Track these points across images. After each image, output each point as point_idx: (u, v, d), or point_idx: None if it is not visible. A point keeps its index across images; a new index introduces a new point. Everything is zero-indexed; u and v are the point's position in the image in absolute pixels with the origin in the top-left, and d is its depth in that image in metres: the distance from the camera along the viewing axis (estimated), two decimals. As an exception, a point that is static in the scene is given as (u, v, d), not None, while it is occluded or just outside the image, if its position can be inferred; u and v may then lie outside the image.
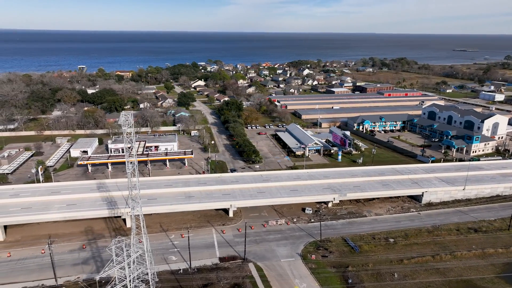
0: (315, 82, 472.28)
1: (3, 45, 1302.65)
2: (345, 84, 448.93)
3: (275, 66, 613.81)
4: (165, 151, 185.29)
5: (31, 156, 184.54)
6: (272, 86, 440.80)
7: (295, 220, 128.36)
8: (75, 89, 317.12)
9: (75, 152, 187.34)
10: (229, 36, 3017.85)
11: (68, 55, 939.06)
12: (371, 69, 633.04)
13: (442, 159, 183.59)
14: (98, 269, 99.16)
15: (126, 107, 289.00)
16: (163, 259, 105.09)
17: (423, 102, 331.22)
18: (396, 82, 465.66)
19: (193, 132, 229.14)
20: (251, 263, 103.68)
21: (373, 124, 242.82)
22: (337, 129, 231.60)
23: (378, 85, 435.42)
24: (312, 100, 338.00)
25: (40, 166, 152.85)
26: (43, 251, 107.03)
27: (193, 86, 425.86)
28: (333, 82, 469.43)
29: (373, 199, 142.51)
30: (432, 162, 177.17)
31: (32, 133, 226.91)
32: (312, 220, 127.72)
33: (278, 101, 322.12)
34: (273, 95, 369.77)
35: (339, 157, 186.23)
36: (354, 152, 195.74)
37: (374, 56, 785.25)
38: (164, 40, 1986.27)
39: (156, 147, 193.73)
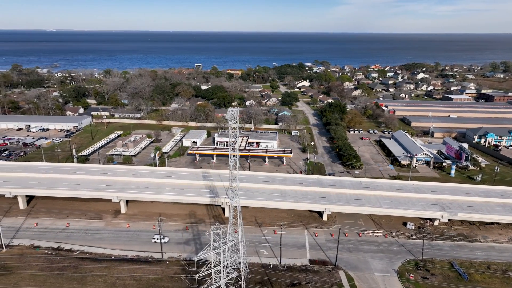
0: (430, 87, 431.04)
1: (141, 45, 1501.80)
2: (467, 91, 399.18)
3: (385, 69, 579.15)
4: (266, 148, 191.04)
5: (151, 142, 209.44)
6: (380, 89, 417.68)
7: (394, 233, 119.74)
8: (191, 85, 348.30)
9: (186, 142, 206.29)
10: (338, 37, 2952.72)
11: (189, 53, 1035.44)
12: (501, 75, 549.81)
13: None
14: (197, 250, 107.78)
15: (233, 104, 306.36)
16: (255, 251, 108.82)
17: None
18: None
19: (293, 132, 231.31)
20: (342, 271, 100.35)
21: (499, 138, 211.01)
22: (452, 140, 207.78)
23: (510, 93, 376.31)
24: (425, 107, 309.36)
25: (158, 152, 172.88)
26: (153, 227, 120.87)
27: (297, 86, 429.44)
28: (452, 88, 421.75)
29: (492, 223, 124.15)
30: None
31: (154, 122, 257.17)
32: (414, 237, 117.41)
33: (386, 106, 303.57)
34: (381, 99, 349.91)
35: (452, 171, 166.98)
36: (471, 167, 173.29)
37: (508, 60, 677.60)
38: (274, 41, 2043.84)
39: (258, 143, 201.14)
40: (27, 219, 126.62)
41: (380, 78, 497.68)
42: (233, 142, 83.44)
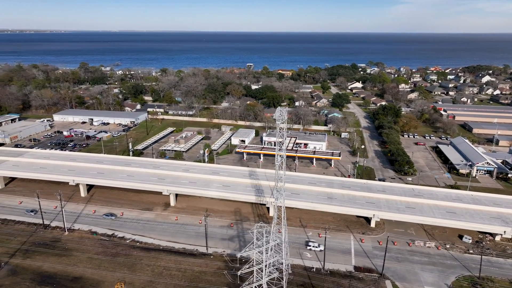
0: (497, 92, 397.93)
1: (197, 45, 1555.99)
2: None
3: (446, 71, 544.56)
4: (313, 150, 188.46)
5: (201, 139, 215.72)
6: (439, 93, 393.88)
7: (448, 246, 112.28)
8: (242, 84, 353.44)
9: (235, 140, 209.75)
10: (395, 37, 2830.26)
11: (242, 53, 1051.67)
12: None
13: None
14: (240, 248, 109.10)
15: (282, 104, 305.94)
16: (298, 253, 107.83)
17: None
18: None
19: (343, 134, 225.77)
20: (389, 281, 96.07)
21: None
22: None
23: None
24: (490, 112, 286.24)
25: (207, 149, 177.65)
26: (200, 222, 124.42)
27: (349, 87, 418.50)
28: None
29: None
30: None
31: (204, 120, 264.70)
32: (471, 251, 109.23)
33: (445, 110, 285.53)
34: (439, 102, 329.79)
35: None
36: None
37: None
38: (327, 41, 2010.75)
39: (306, 144, 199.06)
40: (87, 206, 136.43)
41: (440, 81, 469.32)
42: (280, 142, 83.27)
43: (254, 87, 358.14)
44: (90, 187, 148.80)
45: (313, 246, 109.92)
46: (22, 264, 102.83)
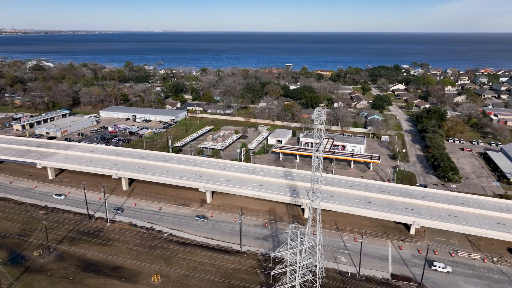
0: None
1: (238, 45, 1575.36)
2: None
3: (498, 73, 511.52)
4: (351, 152, 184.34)
5: (238, 138, 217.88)
6: (489, 96, 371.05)
7: (495, 259, 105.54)
8: (280, 85, 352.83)
9: (271, 140, 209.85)
10: (442, 37, 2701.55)
11: (281, 53, 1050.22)
12: None
13: None
14: (274, 248, 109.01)
15: (321, 105, 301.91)
16: (332, 257, 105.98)
17: None
18: None
19: (383, 137, 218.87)
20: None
21: None
22: None
23: None
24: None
25: (243, 148, 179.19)
26: (235, 220, 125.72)
27: (391, 89, 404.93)
28: None
29: None
30: None
31: (242, 119, 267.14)
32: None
33: (495, 115, 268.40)
34: (489, 106, 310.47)
35: None
36: None
37: None
38: (368, 41, 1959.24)
39: (343, 146, 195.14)
40: (128, 199, 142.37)
41: (491, 84, 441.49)
42: (317, 143, 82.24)
43: (292, 87, 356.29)
44: (131, 181, 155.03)
45: (438, 267, 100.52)
46: (68, 250, 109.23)
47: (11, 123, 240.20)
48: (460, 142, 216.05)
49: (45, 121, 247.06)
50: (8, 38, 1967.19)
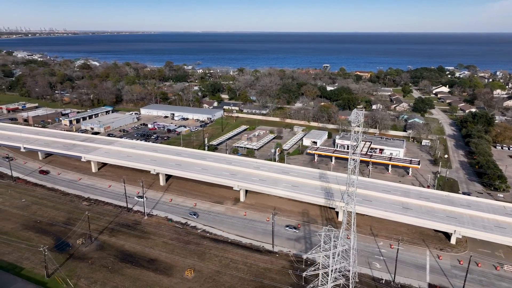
0: None
1: (275, 45, 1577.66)
2: None
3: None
4: (389, 156, 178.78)
5: (273, 138, 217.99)
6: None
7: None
8: (317, 85, 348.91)
9: (306, 141, 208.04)
10: (492, 37, 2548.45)
11: (320, 54, 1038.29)
12: None
13: None
14: (306, 249, 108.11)
15: (358, 106, 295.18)
16: (366, 262, 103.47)
17: None
18: None
19: (424, 141, 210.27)
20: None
21: None
22: None
23: None
24: None
25: (278, 148, 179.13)
26: (267, 219, 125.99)
27: (434, 92, 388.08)
28: None
29: None
30: None
31: (277, 119, 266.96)
32: None
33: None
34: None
35: None
36: None
37: None
38: (410, 42, 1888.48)
39: (381, 150, 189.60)
40: (165, 195, 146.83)
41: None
42: (354, 145, 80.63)
43: (329, 88, 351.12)
44: (168, 177, 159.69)
45: None
46: (108, 241, 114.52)
47: (60, 119, 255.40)
48: (509, 149, 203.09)
49: (90, 117, 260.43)
50: (59, 38, 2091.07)
